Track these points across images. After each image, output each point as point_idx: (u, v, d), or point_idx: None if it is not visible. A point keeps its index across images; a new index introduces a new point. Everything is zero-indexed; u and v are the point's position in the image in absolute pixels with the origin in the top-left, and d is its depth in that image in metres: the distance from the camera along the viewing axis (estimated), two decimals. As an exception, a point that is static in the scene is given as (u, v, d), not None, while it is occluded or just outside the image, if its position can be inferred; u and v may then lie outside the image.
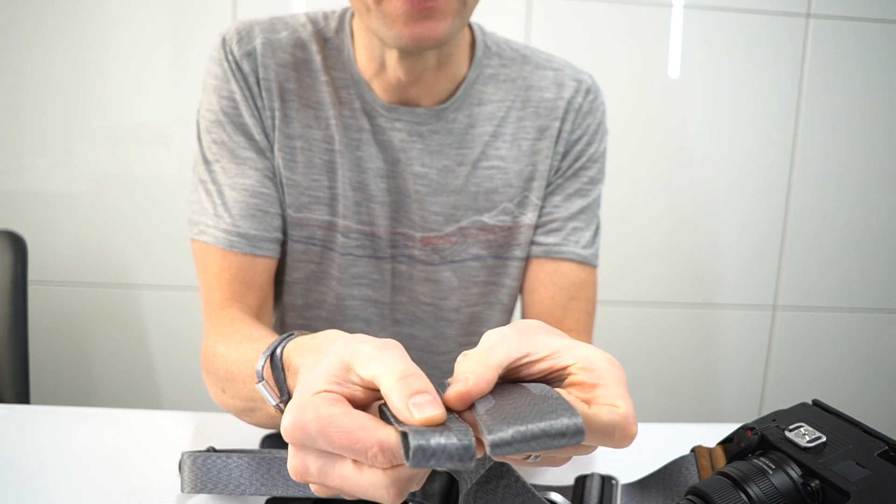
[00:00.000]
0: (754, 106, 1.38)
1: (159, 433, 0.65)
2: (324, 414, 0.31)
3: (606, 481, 0.53)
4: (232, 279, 0.69)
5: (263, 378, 0.42)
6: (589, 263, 0.76)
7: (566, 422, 0.29)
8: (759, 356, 1.50)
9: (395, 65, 0.68)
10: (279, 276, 0.77)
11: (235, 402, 0.56)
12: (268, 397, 0.42)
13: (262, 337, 0.54)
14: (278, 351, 0.42)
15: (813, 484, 0.39)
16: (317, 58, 0.72)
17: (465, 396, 0.32)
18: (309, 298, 0.78)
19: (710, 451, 0.50)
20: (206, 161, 0.71)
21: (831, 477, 0.38)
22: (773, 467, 0.41)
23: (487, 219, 0.76)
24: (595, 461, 0.61)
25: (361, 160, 0.73)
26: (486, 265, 0.78)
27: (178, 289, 1.37)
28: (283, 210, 0.73)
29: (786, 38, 1.36)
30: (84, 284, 1.36)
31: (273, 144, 0.71)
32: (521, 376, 0.35)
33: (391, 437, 0.30)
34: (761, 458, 0.42)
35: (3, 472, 0.56)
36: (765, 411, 1.47)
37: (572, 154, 0.76)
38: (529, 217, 0.76)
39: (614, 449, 0.33)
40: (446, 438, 0.28)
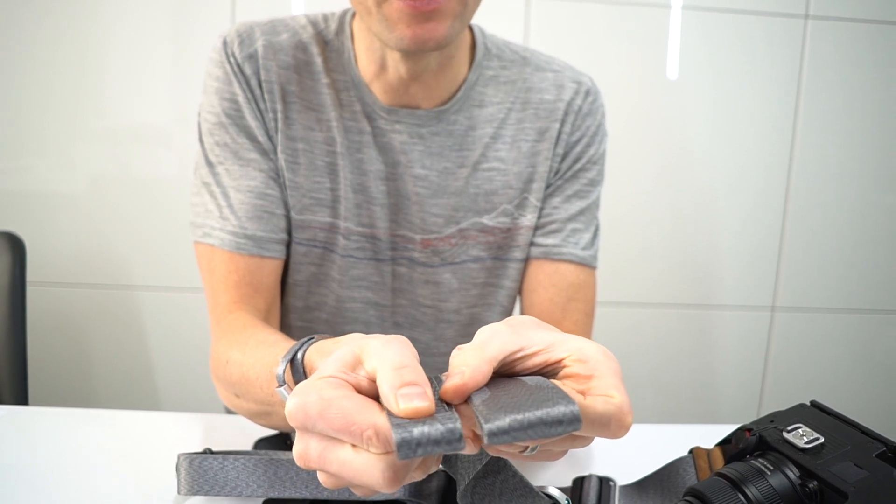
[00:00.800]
0: (753, 107, 1.38)
1: (158, 434, 0.65)
2: (325, 396, 0.31)
3: (604, 483, 0.53)
4: (239, 282, 0.68)
5: (284, 382, 0.43)
6: (588, 265, 0.77)
7: (563, 409, 0.29)
8: (758, 357, 1.50)
9: (396, 64, 0.68)
10: (282, 278, 0.77)
11: (250, 406, 0.56)
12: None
13: (277, 341, 0.54)
14: (299, 355, 0.43)
15: (811, 485, 0.39)
16: (318, 60, 0.72)
17: (461, 389, 0.32)
18: (309, 300, 0.78)
19: (709, 452, 0.51)
20: (209, 163, 0.71)
21: (829, 478, 0.39)
22: (771, 468, 0.41)
23: (487, 220, 0.76)
24: (593, 462, 0.61)
25: (362, 162, 0.73)
26: (486, 266, 0.78)
27: (177, 290, 1.37)
28: (288, 211, 0.73)
29: (784, 39, 1.36)
30: (83, 285, 1.36)
31: (276, 146, 0.71)
32: (516, 371, 0.36)
33: (386, 423, 0.30)
34: (759, 459, 0.42)
35: (2, 473, 0.56)
36: (763, 412, 1.47)
37: (572, 156, 0.76)
38: (529, 218, 0.76)
39: (610, 440, 0.33)
40: (429, 426, 0.28)
